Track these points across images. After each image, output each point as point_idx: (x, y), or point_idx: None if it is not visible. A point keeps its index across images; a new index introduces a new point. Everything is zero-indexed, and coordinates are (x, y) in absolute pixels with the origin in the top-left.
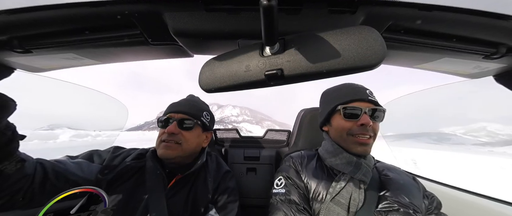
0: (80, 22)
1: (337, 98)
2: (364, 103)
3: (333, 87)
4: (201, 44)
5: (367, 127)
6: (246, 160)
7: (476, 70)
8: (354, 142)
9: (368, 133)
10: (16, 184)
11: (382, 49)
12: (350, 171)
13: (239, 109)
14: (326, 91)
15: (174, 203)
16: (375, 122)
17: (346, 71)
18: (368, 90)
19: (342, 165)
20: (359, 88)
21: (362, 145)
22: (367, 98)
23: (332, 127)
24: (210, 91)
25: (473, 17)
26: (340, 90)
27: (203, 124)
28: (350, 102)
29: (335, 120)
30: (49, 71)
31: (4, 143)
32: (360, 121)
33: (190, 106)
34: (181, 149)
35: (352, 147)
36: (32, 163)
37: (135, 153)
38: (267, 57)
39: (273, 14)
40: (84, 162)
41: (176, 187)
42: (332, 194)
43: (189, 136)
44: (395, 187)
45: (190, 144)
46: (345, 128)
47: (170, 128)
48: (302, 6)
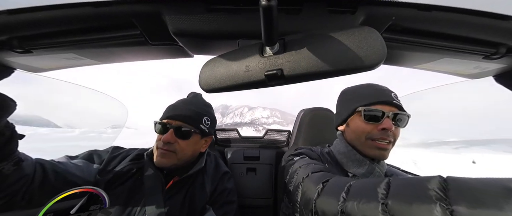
0: (80, 22)
1: (359, 99)
2: (388, 106)
3: (354, 87)
4: (201, 44)
5: (388, 132)
6: (246, 160)
7: (476, 70)
8: (372, 146)
9: (388, 138)
10: (15, 184)
11: (382, 49)
12: (362, 175)
13: (270, 111)
14: (346, 90)
15: (172, 204)
16: (397, 128)
17: (346, 71)
18: (393, 93)
19: (354, 168)
20: (384, 90)
21: (380, 150)
22: (392, 101)
23: (349, 128)
24: (210, 91)
25: (473, 17)
26: (363, 90)
27: (201, 131)
28: (372, 104)
29: (353, 121)
30: (49, 71)
31: (3, 143)
32: (381, 125)
33: (189, 112)
34: (176, 158)
35: (369, 150)
36: (32, 163)
37: (133, 154)
38: (267, 57)
39: (273, 14)
40: (84, 163)
41: (174, 188)
42: None
43: (185, 145)
44: None
45: (186, 152)
46: (365, 131)
47: (166, 136)
48: (302, 6)
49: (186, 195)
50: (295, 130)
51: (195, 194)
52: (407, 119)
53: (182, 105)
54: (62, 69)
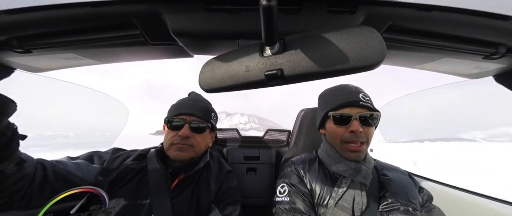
0: (80, 22)
1: (329, 103)
2: (355, 108)
3: (328, 90)
4: (201, 44)
5: (358, 134)
6: (246, 160)
7: (476, 70)
8: (346, 149)
9: (359, 139)
10: (15, 185)
11: (382, 49)
12: (351, 175)
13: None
14: (322, 93)
15: (178, 203)
16: (367, 128)
17: (346, 71)
18: (361, 93)
19: (343, 169)
20: (352, 92)
21: (354, 152)
22: (359, 103)
23: (327, 132)
24: (210, 91)
25: (473, 17)
26: (332, 93)
27: (212, 126)
28: (340, 108)
29: (328, 125)
30: (49, 71)
31: (4, 143)
32: (350, 128)
33: (200, 108)
34: (193, 151)
35: (345, 153)
36: (32, 163)
37: (135, 154)
38: (267, 57)
39: (272, 14)
40: (84, 163)
41: (180, 187)
42: (336, 199)
43: (200, 139)
44: (394, 187)
45: (201, 146)
46: (338, 134)
47: (184, 131)
48: (302, 6)
49: (193, 193)
50: (296, 130)
51: (201, 192)
52: (378, 119)
53: (192, 102)
54: (62, 69)
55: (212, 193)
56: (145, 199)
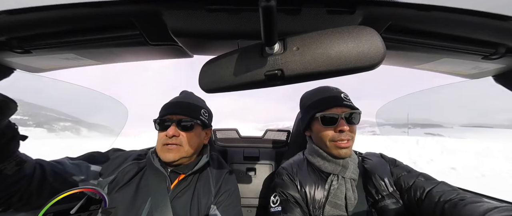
0: (80, 22)
1: (315, 105)
2: (340, 108)
3: (309, 92)
4: (201, 44)
5: (346, 132)
6: (246, 160)
7: (476, 70)
8: (335, 147)
9: (346, 137)
10: (14, 185)
11: (381, 49)
12: (340, 172)
13: None
14: (303, 96)
15: (178, 203)
16: (352, 126)
17: (346, 71)
18: (343, 94)
19: (332, 167)
20: (334, 93)
21: (342, 149)
22: (342, 102)
23: (314, 133)
24: (210, 91)
25: (472, 17)
26: (316, 95)
27: (202, 123)
28: (326, 109)
29: (315, 126)
30: (49, 71)
31: (4, 143)
32: (338, 127)
33: (187, 106)
34: (183, 151)
35: (334, 151)
36: (32, 163)
37: (135, 154)
38: (267, 57)
39: (272, 14)
40: (83, 164)
41: (179, 187)
42: (328, 197)
43: (189, 137)
44: (373, 173)
45: (191, 144)
46: (327, 134)
47: (169, 131)
48: (301, 6)
49: (193, 193)
50: (295, 130)
51: (201, 192)
52: (359, 117)
53: (178, 101)
54: (62, 69)
55: (211, 194)
56: (145, 200)
